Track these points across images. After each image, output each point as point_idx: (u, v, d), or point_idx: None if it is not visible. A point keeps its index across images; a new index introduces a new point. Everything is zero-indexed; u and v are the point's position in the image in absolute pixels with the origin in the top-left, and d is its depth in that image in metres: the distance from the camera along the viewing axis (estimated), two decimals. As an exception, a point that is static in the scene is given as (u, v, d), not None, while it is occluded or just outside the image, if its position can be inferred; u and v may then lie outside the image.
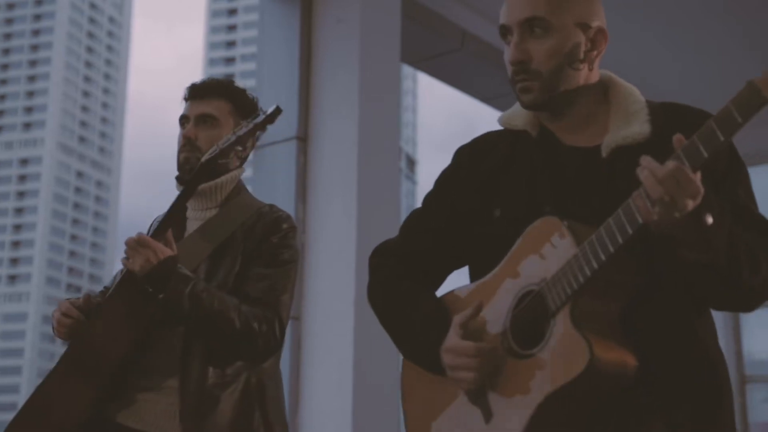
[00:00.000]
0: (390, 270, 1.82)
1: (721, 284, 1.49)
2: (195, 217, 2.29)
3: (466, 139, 1.88)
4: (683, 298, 1.58)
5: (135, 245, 2.07)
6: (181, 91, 2.39)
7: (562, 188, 1.63)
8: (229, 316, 2.09)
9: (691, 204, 1.36)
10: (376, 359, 3.70)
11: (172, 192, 2.22)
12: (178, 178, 2.30)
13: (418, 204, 1.91)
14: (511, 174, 1.71)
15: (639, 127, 1.61)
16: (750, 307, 1.58)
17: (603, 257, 1.44)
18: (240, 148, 2.24)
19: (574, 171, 1.65)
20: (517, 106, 1.76)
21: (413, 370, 1.74)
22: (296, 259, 2.27)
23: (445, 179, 1.85)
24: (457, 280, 1.81)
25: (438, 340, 1.62)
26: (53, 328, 2.23)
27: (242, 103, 2.36)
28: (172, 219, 2.16)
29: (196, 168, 2.16)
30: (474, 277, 1.75)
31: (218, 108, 2.32)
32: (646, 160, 1.38)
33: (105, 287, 2.48)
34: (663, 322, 1.56)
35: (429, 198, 1.86)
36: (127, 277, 2.14)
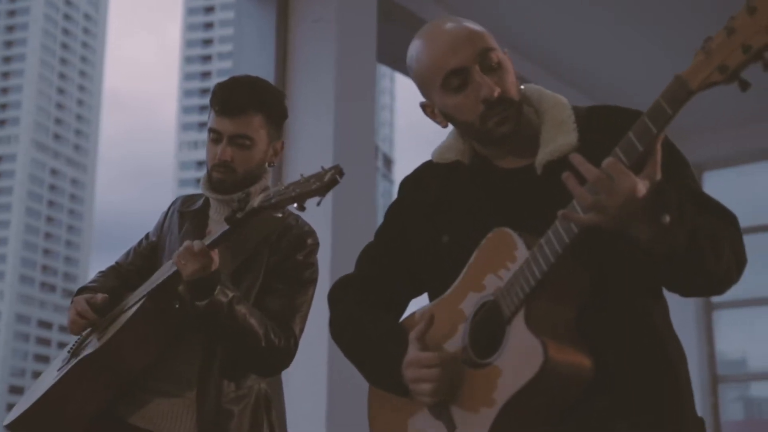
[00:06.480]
0: (349, 301, 1.85)
1: (685, 274, 1.50)
2: (218, 220, 2.27)
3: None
4: (637, 291, 1.60)
5: (196, 253, 2.06)
6: (159, 89, 2.38)
7: (505, 210, 1.65)
8: (257, 332, 2.14)
9: (625, 196, 1.36)
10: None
11: (149, 191, 2.21)
12: (211, 188, 2.30)
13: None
14: (454, 202, 1.73)
15: (565, 138, 1.63)
16: (718, 291, 1.59)
17: (552, 259, 1.45)
18: (296, 205, 1.96)
19: (513, 192, 1.66)
20: (448, 141, 1.78)
21: (378, 396, 1.76)
22: (316, 277, 2.32)
23: (392, 211, 1.88)
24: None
25: (398, 358, 1.63)
26: (68, 321, 2.27)
27: (276, 113, 2.31)
28: (219, 243, 2.10)
29: (247, 210, 2.02)
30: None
31: (252, 125, 2.24)
32: (577, 159, 1.40)
33: (117, 262, 2.50)
34: (617, 323, 1.57)
35: (380, 231, 1.90)
36: (160, 286, 2.16)
